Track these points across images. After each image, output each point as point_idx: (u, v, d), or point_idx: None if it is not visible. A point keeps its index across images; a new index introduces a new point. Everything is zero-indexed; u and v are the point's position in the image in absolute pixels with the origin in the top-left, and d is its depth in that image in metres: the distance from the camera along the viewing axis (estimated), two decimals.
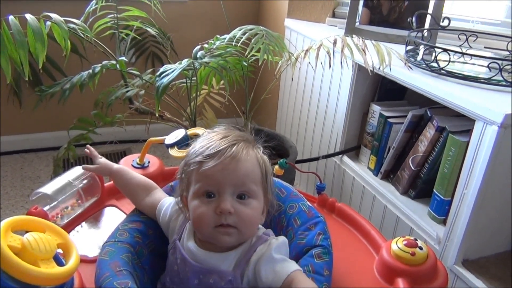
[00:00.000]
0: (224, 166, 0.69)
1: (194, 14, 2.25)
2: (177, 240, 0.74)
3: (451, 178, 1.20)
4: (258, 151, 0.75)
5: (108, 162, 0.90)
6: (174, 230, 0.77)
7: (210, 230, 0.69)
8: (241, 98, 1.65)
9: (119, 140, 2.19)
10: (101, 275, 0.67)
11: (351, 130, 1.62)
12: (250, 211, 0.70)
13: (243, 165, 0.70)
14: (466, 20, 1.64)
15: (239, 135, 0.74)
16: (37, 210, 0.80)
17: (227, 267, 0.70)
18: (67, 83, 1.46)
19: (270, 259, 0.69)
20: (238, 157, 0.69)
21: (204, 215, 0.69)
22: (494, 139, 1.01)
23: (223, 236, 0.69)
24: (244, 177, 0.70)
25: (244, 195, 0.70)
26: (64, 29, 1.29)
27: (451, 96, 1.13)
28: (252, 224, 0.72)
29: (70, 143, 1.56)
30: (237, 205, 0.69)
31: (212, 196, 0.69)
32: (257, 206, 0.72)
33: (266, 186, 0.74)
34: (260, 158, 0.74)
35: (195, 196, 0.71)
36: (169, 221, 0.78)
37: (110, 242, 0.74)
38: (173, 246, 0.75)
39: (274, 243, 0.71)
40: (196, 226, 0.71)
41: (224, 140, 0.71)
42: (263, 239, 0.72)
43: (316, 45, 1.33)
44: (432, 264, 0.78)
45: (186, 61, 1.33)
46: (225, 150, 0.69)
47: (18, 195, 1.89)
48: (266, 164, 0.75)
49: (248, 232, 0.71)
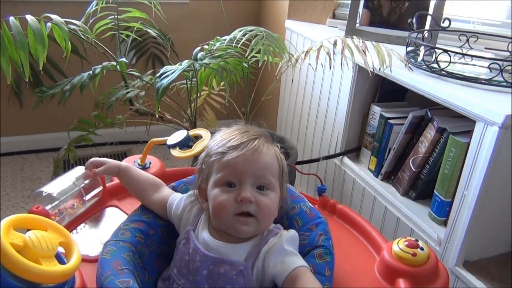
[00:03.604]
0: (246, 157, 0.72)
1: (194, 15, 2.26)
2: (191, 230, 0.76)
3: (452, 179, 1.19)
4: (276, 147, 0.78)
5: (115, 161, 0.91)
6: (187, 221, 0.79)
7: (229, 218, 0.72)
8: (241, 99, 1.65)
9: (119, 141, 2.19)
10: (103, 274, 0.67)
11: (351, 131, 1.62)
12: (269, 201, 0.73)
13: (264, 158, 0.73)
14: (466, 21, 1.64)
15: (259, 131, 0.78)
16: (39, 209, 0.80)
17: (239, 258, 0.71)
18: (67, 84, 1.46)
19: (281, 249, 0.72)
20: (259, 150, 0.73)
21: (225, 203, 0.71)
22: (495, 140, 1.01)
23: (242, 225, 0.71)
24: (265, 169, 0.73)
25: (264, 187, 0.73)
26: (65, 30, 1.29)
27: (451, 97, 1.13)
28: (270, 215, 0.74)
29: (70, 144, 1.56)
30: (257, 195, 0.72)
31: (233, 185, 0.72)
32: (274, 198, 0.75)
33: (282, 182, 0.77)
34: (278, 154, 0.78)
35: (216, 185, 0.74)
36: (183, 212, 0.80)
37: (112, 241, 0.74)
38: (185, 237, 0.76)
39: (285, 235, 0.74)
40: (216, 214, 0.73)
41: (246, 134, 0.75)
42: (274, 232, 0.75)
43: (316, 46, 1.33)
44: (433, 265, 0.78)
45: (186, 62, 1.33)
46: (247, 143, 0.73)
47: (18, 196, 1.89)
48: (283, 161, 0.78)
49: (265, 223, 0.74)
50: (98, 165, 0.90)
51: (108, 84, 1.65)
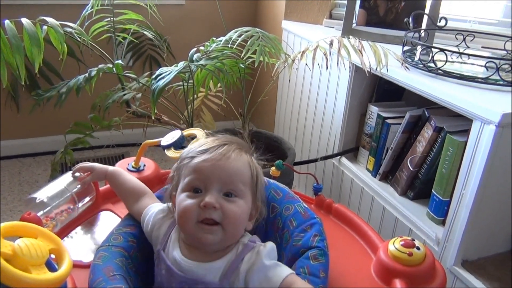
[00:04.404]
0: (213, 162, 0.70)
1: (191, 17, 2.25)
2: (161, 250, 0.73)
3: (450, 178, 1.19)
4: (252, 158, 0.76)
5: (102, 166, 0.89)
6: (157, 240, 0.75)
7: (193, 226, 0.69)
8: (238, 100, 1.64)
9: (116, 143, 2.18)
10: (94, 280, 0.66)
11: (349, 131, 1.62)
12: (236, 209, 0.70)
13: (232, 164, 0.71)
14: (463, 20, 1.64)
15: (233, 139, 0.76)
16: (31, 216, 0.79)
17: (213, 278, 0.68)
18: (63, 87, 1.46)
19: (261, 267, 0.68)
20: (228, 155, 0.71)
21: (188, 209, 0.69)
22: (492, 139, 1.01)
23: (205, 234, 0.68)
24: (232, 175, 0.70)
25: (231, 193, 0.70)
26: (60, 33, 1.29)
27: (448, 96, 1.13)
28: (237, 223, 0.71)
29: (67, 147, 1.55)
30: (223, 201, 0.69)
31: (199, 191, 0.70)
32: (243, 206, 0.71)
33: (256, 191, 0.75)
34: (252, 163, 0.75)
35: (182, 191, 0.71)
36: (152, 230, 0.77)
37: (104, 247, 0.73)
38: (157, 257, 0.74)
39: (263, 250, 0.70)
40: (180, 221, 0.71)
41: (218, 140, 0.74)
42: (250, 246, 0.71)
43: (312, 46, 1.32)
44: (430, 265, 0.77)
45: (182, 63, 1.33)
46: (217, 147, 0.72)
47: (16, 199, 1.88)
48: (258, 171, 0.75)
49: (232, 231, 0.70)
50: (85, 171, 0.89)
51: (105, 86, 1.65)
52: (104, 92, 1.58)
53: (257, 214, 0.76)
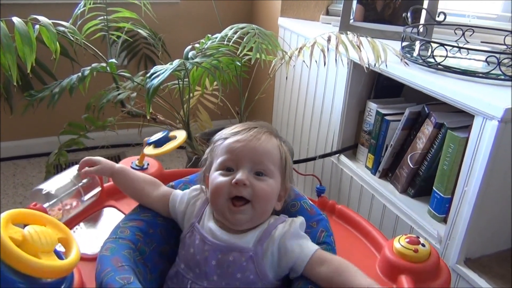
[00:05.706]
0: (245, 143, 0.74)
1: (186, 15, 2.23)
2: (196, 223, 0.76)
3: (451, 175, 1.17)
4: (281, 142, 0.79)
5: (109, 161, 0.89)
6: (192, 214, 0.79)
7: (224, 203, 0.72)
8: (235, 99, 1.63)
9: (112, 144, 2.16)
10: (103, 270, 0.66)
11: (347, 128, 1.60)
12: (266, 187, 0.73)
13: (263, 145, 0.75)
14: (462, 15, 1.63)
15: (264, 124, 0.81)
16: (37, 207, 0.79)
17: (247, 244, 0.72)
18: (56, 87, 1.43)
19: (296, 234, 0.73)
20: (258, 136, 0.76)
21: (220, 186, 0.73)
22: (494, 134, 0.99)
23: (236, 214, 0.72)
24: (263, 156, 0.74)
25: (261, 173, 0.74)
26: (53, 32, 1.27)
27: (449, 91, 1.11)
28: (267, 201, 0.74)
29: (61, 148, 1.53)
30: (253, 179, 0.73)
31: (231, 170, 0.74)
32: (273, 185, 0.75)
33: (285, 173, 0.78)
34: (281, 146, 0.79)
35: (215, 170, 0.76)
36: (187, 206, 0.80)
37: (111, 239, 0.74)
38: (190, 230, 0.77)
39: (298, 221, 0.75)
40: (212, 198, 0.75)
41: (248, 124, 0.80)
42: (282, 219, 0.76)
43: (310, 43, 1.30)
44: (435, 261, 0.77)
45: (177, 61, 1.30)
46: (248, 129, 0.77)
47: (10, 202, 1.86)
48: (287, 154, 0.79)
49: (262, 210, 0.74)
50: (91, 164, 0.89)
51: (100, 86, 1.63)
52: (99, 92, 1.56)
53: (286, 195, 0.80)
